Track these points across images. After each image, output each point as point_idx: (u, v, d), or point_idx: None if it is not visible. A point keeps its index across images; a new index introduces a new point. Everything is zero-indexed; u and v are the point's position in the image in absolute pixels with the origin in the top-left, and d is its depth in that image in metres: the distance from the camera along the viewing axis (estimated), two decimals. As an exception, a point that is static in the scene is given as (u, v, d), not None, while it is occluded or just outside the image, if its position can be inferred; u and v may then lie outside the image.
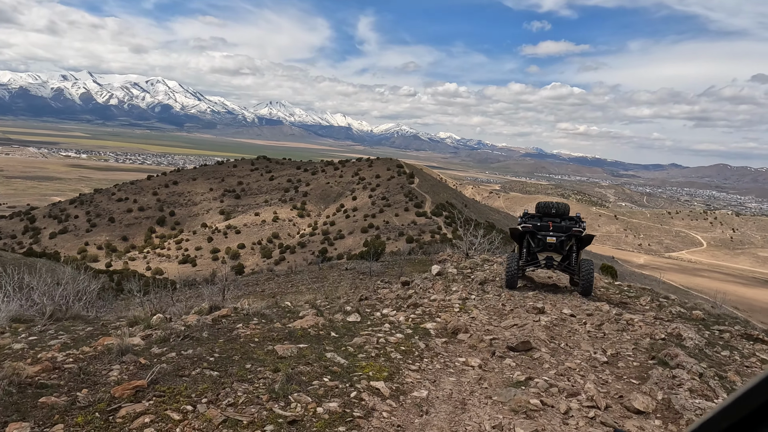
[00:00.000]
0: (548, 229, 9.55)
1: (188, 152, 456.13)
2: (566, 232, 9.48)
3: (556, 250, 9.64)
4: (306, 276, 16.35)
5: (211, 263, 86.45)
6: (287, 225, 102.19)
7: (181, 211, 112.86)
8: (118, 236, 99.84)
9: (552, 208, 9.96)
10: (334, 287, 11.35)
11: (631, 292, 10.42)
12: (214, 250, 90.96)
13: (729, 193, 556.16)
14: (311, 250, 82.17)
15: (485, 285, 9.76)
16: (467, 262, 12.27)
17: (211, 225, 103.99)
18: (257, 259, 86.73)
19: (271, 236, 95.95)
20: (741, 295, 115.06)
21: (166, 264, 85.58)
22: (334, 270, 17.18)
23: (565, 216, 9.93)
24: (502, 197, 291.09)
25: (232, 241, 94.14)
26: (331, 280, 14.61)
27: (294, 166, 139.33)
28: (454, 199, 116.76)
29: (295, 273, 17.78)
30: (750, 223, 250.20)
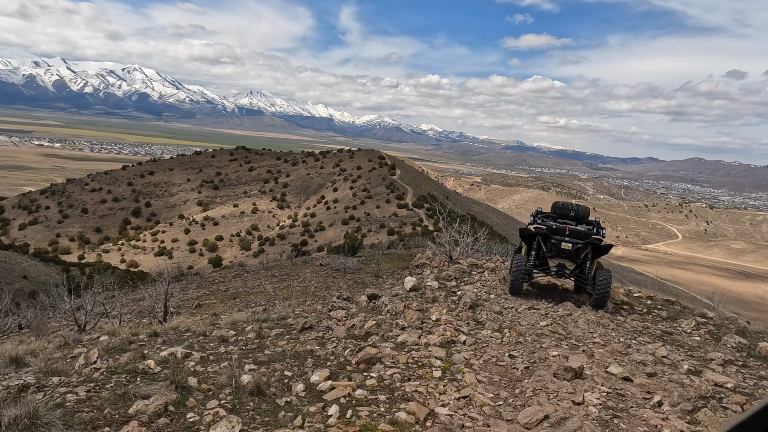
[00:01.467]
0: (564, 233, 8.41)
1: (166, 142, 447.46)
2: (584, 239, 8.29)
3: (570, 258, 8.41)
4: (277, 272, 15.52)
5: (188, 255, 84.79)
6: (267, 217, 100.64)
7: (158, 202, 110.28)
8: (92, 228, 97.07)
9: (571, 210, 8.91)
10: (302, 287, 10.40)
11: (661, 309, 8.74)
12: (192, 242, 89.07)
13: (703, 187, 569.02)
14: (291, 242, 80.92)
15: (478, 310, 7.73)
16: (451, 269, 10.39)
17: (188, 216, 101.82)
18: (236, 251, 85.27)
19: (250, 228, 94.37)
20: (720, 287, 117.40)
21: (141, 256, 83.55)
22: (308, 266, 16.37)
23: (584, 220, 8.86)
24: (483, 189, 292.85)
25: (210, 233, 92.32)
26: (302, 277, 13.83)
27: (274, 156, 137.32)
28: (435, 191, 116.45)
29: (266, 269, 16.88)
30: (723, 215, 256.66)
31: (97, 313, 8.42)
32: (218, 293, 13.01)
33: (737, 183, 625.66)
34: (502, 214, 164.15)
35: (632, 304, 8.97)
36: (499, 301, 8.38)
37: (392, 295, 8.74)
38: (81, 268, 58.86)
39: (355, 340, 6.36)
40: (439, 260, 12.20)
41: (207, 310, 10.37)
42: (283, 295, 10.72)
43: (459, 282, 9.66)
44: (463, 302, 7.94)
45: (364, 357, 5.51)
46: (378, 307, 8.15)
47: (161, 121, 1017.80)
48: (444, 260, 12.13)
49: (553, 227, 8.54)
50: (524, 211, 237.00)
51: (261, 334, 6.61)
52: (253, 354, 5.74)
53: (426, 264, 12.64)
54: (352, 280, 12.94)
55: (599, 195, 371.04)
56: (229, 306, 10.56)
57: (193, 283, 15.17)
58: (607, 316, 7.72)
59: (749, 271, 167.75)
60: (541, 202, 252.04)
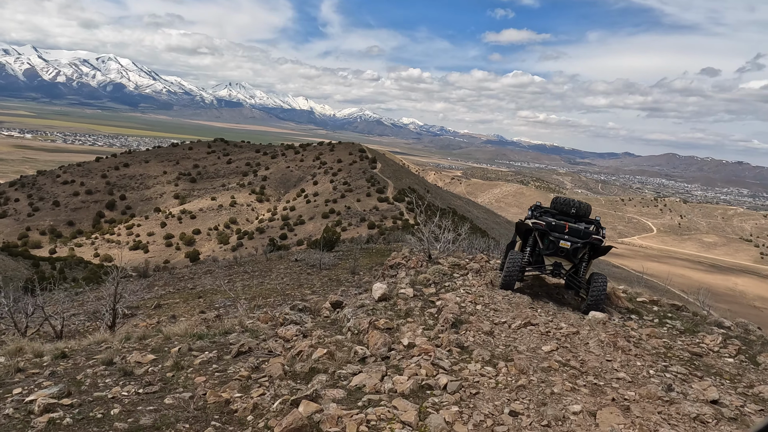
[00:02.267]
0: (563, 230, 7.89)
1: (143, 134, 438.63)
2: (584, 238, 7.79)
3: (567, 257, 7.92)
4: (250, 268, 14.95)
5: (164, 249, 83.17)
6: (245, 210, 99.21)
7: (133, 194, 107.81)
8: (64, 221, 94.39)
9: (572, 206, 8.35)
10: (273, 285, 9.88)
11: (673, 317, 7.87)
12: (168, 235, 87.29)
13: (677, 182, 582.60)
14: (270, 235, 79.95)
15: (462, 329, 6.37)
16: (430, 272, 9.10)
17: (164, 209, 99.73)
18: (213, 245, 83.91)
19: (228, 221, 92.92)
20: (694, 279, 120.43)
21: (115, 250, 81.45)
22: (283, 261, 15.84)
23: (585, 218, 8.36)
24: (464, 183, 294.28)
25: (187, 227, 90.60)
26: (276, 274, 13.31)
27: (253, 149, 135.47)
28: (416, 185, 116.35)
29: (240, 264, 16.29)
30: (696, 210, 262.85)
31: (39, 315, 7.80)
32: (184, 291, 12.42)
33: (710, 178, 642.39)
34: (482, 208, 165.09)
35: (640, 312, 8.02)
36: (487, 313, 7.11)
37: (357, 306, 7.31)
38: (52, 263, 57.05)
39: (293, 382, 4.82)
40: (417, 260, 10.83)
41: (166, 311, 9.81)
42: (250, 294, 10.17)
43: (439, 288, 8.37)
44: (443, 318, 6.55)
45: (293, 425, 3.77)
46: (339, 321, 7.02)
47: (137, 113, 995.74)
48: (422, 260, 10.86)
49: (552, 224, 8.03)
50: (504, 205, 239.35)
51: (180, 364, 5.44)
52: (145, 405, 4.43)
53: (401, 264, 11.19)
54: (327, 277, 12.46)
55: (577, 189, 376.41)
56: (191, 307, 10.03)
57: (161, 280, 14.51)
58: (620, 334, 6.56)
59: (721, 264, 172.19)
60: (520, 197, 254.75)
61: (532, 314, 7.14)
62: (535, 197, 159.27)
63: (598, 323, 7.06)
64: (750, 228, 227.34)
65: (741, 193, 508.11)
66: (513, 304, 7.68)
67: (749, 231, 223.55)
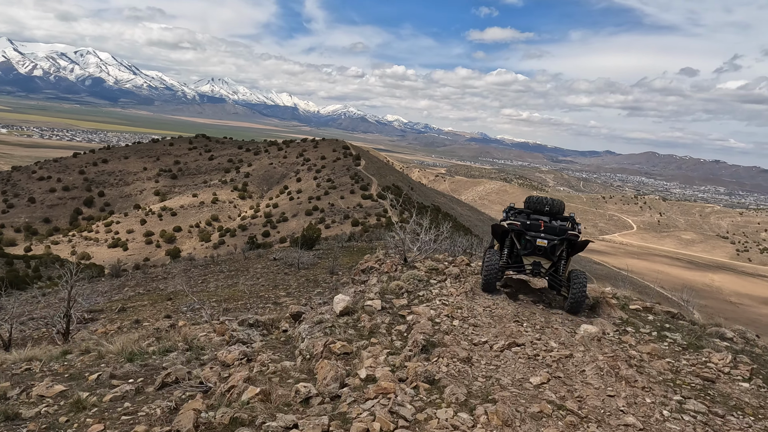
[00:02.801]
0: (539, 229, 7.83)
1: (123, 129, 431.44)
2: (561, 235, 7.76)
3: (545, 256, 7.88)
4: (227, 267, 14.54)
5: (144, 247, 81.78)
6: (228, 207, 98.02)
7: (112, 191, 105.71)
8: (40, 218, 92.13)
9: (546, 204, 8.24)
10: (247, 286, 9.50)
11: (671, 328, 7.28)
12: (148, 233, 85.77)
13: (657, 180, 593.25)
14: (253, 233, 79.12)
15: (434, 355, 5.36)
16: (404, 277, 8.32)
17: (144, 206, 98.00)
18: (195, 242, 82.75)
19: (210, 219, 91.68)
20: (672, 275, 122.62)
21: (94, 248, 79.91)
22: (262, 260, 15.45)
23: (559, 215, 8.27)
24: (448, 181, 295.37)
25: (168, 224, 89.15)
26: (252, 273, 12.93)
27: (235, 145, 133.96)
28: (400, 182, 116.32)
29: (217, 263, 15.86)
30: (675, 207, 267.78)
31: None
32: (155, 293, 11.94)
33: (688, 176, 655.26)
34: (466, 205, 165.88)
35: (635, 323, 7.37)
36: (465, 331, 6.26)
37: (315, 321, 6.47)
38: (27, 261, 55.56)
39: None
40: (391, 263, 9.92)
41: (131, 314, 9.38)
42: (222, 296, 9.80)
43: (412, 298, 7.54)
44: (413, 340, 5.56)
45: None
46: (293, 340, 6.23)
47: (117, 108, 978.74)
48: (397, 263, 10.00)
49: (527, 223, 7.93)
50: (487, 202, 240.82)
51: (82, 403, 4.55)
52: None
53: (374, 269, 10.21)
54: (305, 278, 12.11)
55: (559, 187, 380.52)
56: (157, 310, 9.59)
57: (133, 280, 14.02)
58: (620, 357, 5.73)
59: (698, 261, 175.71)
60: (503, 194, 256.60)
61: (516, 330, 6.31)
62: (518, 195, 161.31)
63: (592, 340, 6.26)
64: (726, 225, 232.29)
65: (718, 191, 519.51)
66: (495, 317, 6.84)
67: (726, 228, 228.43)
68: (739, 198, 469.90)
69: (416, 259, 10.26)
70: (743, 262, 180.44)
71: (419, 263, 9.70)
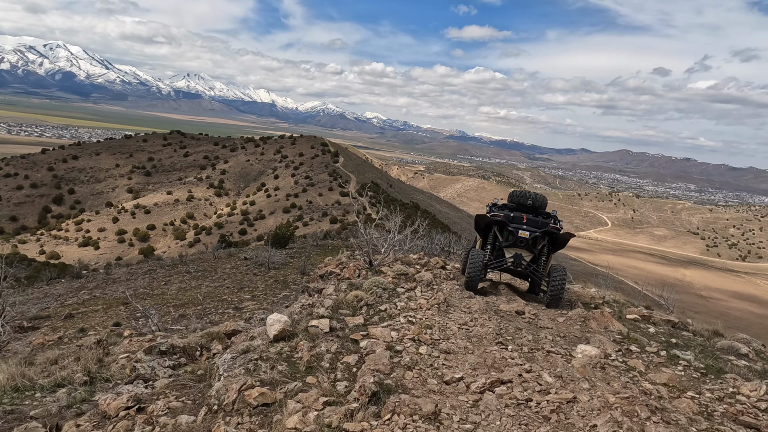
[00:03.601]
0: (521, 221, 8.00)
1: (95, 125, 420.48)
2: (542, 228, 7.94)
3: (527, 248, 7.99)
4: (194, 267, 13.92)
5: (116, 246, 79.68)
6: (203, 205, 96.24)
7: (83, 188, 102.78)
8: (6, 216, 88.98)
9: (528, 198, 8.34)
10: (211, 288, 8.95)
11: (679, 343, 6.44)
12: (121, 231, 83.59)
13: (630, 177, 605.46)
14: (229, 231, 77.86)
15: (387, 407, 3.90)
16: (366, 286, 7.13)
17: (117, 204, 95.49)
18: (169, 241, 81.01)
19: (185, 216, 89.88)
20: (647, 270, 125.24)
21: (63, 247, 77.49)
22: (232, 259, 14.87)
23: (542, 210, 8.41)
24: (427, 178, 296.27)
25: (141, 222, 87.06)
26: (220, 274, 12.37)
27: (211, 141, 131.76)
28: (379, 179, 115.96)
29: (185, 263, 15.21)
30: (648, 204, 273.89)
31: None
32: (112, 296, 11.26)
33: (660, 174, 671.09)
34: (444, 202, 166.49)
35: (638, 339, 6.42)
36: (434, 362, 4.89)
37: (240, 350, 5.17)
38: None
39: None
40: (354, 268, 8.77)
41: (78, 321, 8.72)
42: (182, 300, 9.25)
43: (372, 314, 6.30)
44: (360, 383, 4.10)
45: None
46: (209, 376, 5.10)
47: (89, 103, 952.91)
48: (362, 267, 8.86)
49: (510, 215, 8.09)
50: (466, 199, 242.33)
51: None
52: None
53: (334, 274, 8.97)
54: (273, 279, 11.62)
55: (536, 184, 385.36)
56: (108, 316, 8.97)
57: (93, 282, 13.32)
58: (636, 397, 4.56)
59: (670, 256, 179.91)
60: (482, 191, 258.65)
61: (500, 357, 5.13)
62: (497, 192, 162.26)
63: (594, 368, 5.18)
64: (697, 221, 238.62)
65: (688, 188, 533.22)
66: (473, 337, 5.70)
67: (696, 224, 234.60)
68: (708, 195, 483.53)
69: (384, 262, 9.17)
70: (713, 257, 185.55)
71: (387, 267, 8.72)
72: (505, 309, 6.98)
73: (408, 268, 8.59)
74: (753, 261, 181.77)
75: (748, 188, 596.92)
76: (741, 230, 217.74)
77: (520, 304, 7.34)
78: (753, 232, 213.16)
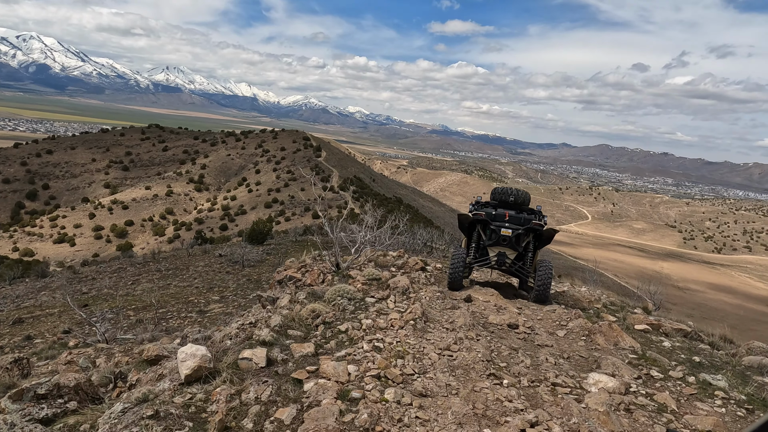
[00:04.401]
0: (504, 219, 7.86)
1: (71, 119, 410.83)
2: (525, 225, 7.82)
3: (511, 246, 7.84)
4: (166, 265, 13.35)
5: (93, 242, 77.92)
6: (183, 200, 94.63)
7: (58, 183, 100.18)
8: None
9: (510, 195, 8.26)
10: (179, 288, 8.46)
11: (704, 362, 5.48)
12: (97, 227, 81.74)
13: (610, 171, 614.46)
14: (210, 226, 76.75)
15: None
16: (328, 295, 6.04)
17: (93, 200, 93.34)
18: (148, 237, 79.51)
19: (164, 212, 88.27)
20: (627, 262, 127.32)
21: (38, 244, 75.48)
22: (206, 256, 14.35)
23: (525, 206, 8.31)
24: (410, 173, 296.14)
25: (119, 218, 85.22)
26: (191, 272, 11.86)
27: (191, 136, 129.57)
28: (362, 174, 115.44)
29: (158, 260, 14.62)
30: (627, 198, 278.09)
31: None
32: (73, 297, 10.65)
33: (639, 168, 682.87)
34: (427, 196, 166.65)
35: (657, 359, 5.44)
36: (402, 418, 3.52)
37: (137, 398, 3.66)
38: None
39: None
40: (319, 271, 7.59)
41: (27, 327, 8.12)
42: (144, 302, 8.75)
43: (328, 337, 5.03)
44: None
45: None
46: None
47: (64, 96, 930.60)
48: (327, 271, 7.67)
49: (492, 213, 7.94)
50: (449, 194, 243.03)
51: None
52: None
53: (294, 279, 7.78)
54: (246, 277, 11.18)
55: (518, 178, 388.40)
56: (62, 321, 8.40)
57: (58, 281, 12.68)
58: None
59: (648, 249, 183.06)
60: (464, 186, 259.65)
61: (494, 399, 3.89)
62: (479, 186, 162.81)
63: (618, 409, 4.00)
64: (674, 215, 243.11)
65: (666, 182, 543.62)
66: (458, 368, 4.49)
67: (674, 218, 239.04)
68: (685, 189, 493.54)
69: (355, 265, 7.94)
70: (689, 250, 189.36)
71: (357, 270, 7.50)
72: (495, 322, 6.09)
73: (381, 271, 7.60)
74: (728, 253, 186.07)
75: (723, 182, 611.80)
76: (716, 223, 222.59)
77: (512, 313, 6.39)
78: (728, 225, 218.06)
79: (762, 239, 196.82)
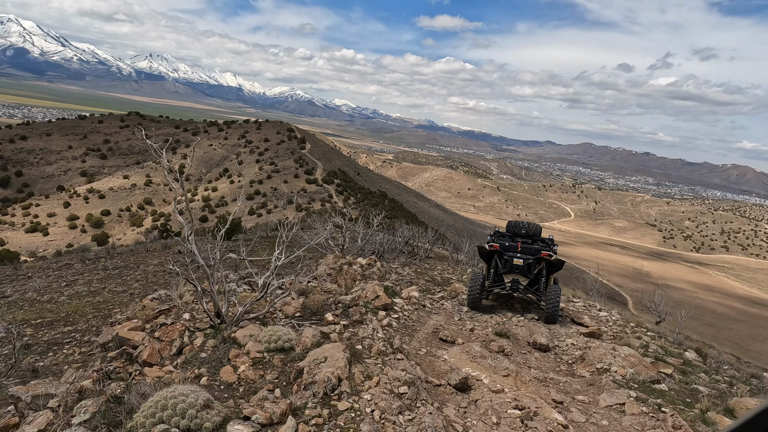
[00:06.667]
0: (516, 250, 8.82)
1: (50, 105, 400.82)
2: (535, 255, 8.72)
3: (523, 273, 8.75)
4: (115, 263, 12.09)
5: (67, 232, 75.57)
6: (162, 190, 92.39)
7: (32, 171, 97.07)
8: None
9: (522, 228, 9.31)
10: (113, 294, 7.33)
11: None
12: (72, 217, 79.30)
13: (593, 169, 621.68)
14: (189, 218, 74.96)
15: None
16: (139, 422, 3.45)
17: (69, 188, 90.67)
18: (125, 227, 77.43)
19: (142, 202, 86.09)
20: (609, 259, 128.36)
21: (9, 233, 72.91)
22: (165, 252, 13.17)
23: (537, 237, 9.31)
24: (395, 167, 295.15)
25: (95, 207, 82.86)
26: (138, 272, 10.64)
27: (172, 125, 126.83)
28: (347, 167, 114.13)
29: (111, 256, 13.33)
30: (609, 196, 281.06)
31: None
32: None
33: (621, 167, 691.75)
34: (412, 191, 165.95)
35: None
36: None
37: None
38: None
39: None
40: (180, 332, 5.16)
41: None
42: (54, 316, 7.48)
43: None
44: None
45: None
46: None
47: (43, 81, 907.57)
48: (195, 328, 5.42)
49: (506, 244, 8.90)
50: (434, 189, 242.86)
51: None
52: None
53: (124, 348, 4.89)
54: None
55: (503, 175, 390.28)
56: None
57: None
58: None
59: (629, 247, 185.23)
60: (450, 181, 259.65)
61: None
62: (464, 182, 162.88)
63: None
64: (655, 214, 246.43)
65: (647, 182, 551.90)
66: None
67: (654, 216, 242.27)
68: (666, 188, 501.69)
69: (256, 312, 5.19)
70: (669, 249, 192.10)
71: (254, 325, 4.58)
72: None
73: (299, 329, 4.28)
74: (706, 252, 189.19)
75: (702, 182, 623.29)
76: (695, 223, 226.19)
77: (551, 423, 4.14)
78: (706, 224, 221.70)
79: (739, 239, 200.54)
